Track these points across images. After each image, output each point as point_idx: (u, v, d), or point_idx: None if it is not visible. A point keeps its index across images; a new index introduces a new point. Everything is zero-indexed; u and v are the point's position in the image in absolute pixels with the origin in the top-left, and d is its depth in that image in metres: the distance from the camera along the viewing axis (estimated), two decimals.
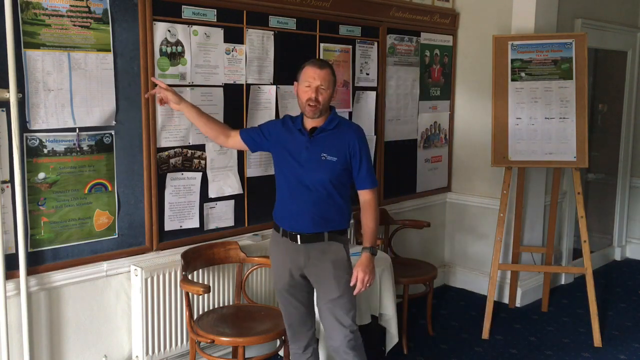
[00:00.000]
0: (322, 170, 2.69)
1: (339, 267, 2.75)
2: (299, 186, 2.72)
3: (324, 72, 2.68)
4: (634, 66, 5.66)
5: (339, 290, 2.73)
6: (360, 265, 2.70)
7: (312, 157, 2.70)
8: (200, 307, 3.33)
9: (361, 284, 2.69)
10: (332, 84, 2.71)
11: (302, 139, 2.74)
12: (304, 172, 2.71)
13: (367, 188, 2.77)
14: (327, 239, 2.74)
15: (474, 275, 4.91)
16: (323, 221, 2.72)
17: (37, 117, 2.67)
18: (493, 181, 4.65)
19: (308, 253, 2.74)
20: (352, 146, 2.71)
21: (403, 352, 3.79)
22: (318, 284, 2.78)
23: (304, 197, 2.71)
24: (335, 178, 2.71)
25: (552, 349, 3.94)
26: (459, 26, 4.82)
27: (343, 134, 2.73)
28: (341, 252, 2.76)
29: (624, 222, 5.97)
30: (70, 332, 2.94)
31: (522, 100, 4.14)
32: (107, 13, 2.84)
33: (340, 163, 2.70)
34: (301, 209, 2.72)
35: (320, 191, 2.70)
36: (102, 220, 2.95)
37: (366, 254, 2.73)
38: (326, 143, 2.71)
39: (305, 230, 2.73)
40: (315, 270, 2.75)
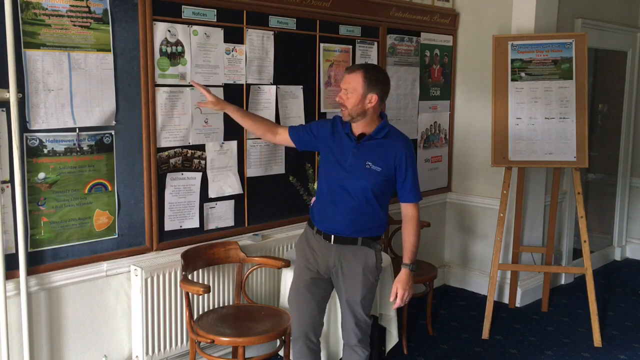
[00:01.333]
0: (365, 178, 2.68)
1: (368, 271, 2.77)
2: (340, 190, 2.72)
3: (351, 76, 2.66)
4: (634, 66, 5.67)
5: (363, 294, 2.77)
6: (399, 282, 2.74)
7: (357, 164, 2.69)
8: (200, 307, 3.33)
9: (400, 300, 2.74)
10: (360, 87, 2.63)
11: (349, 144, 2.72)
12: (347, 178, 2.70)
13: (411, 202, 2.76)
14: (361, 244, 2.75)
15: (474, 275, 4.91)
16: (359, 228, 2.74)
17: (37, 117, 2.67)
18: (493, 181, 4.65)
19: (339, 254, 2.76)
20: (399, 158, 2.69)
21: (403, 352, 3.79)
22: (345, 284, 2.79)
23: (344, 202, 2.72)
24: (377, 187, 2.70)
25: (552, 349, 3.94)
26: (459, 26, 4.82)
27: (391, 144, 2.70)
28: (372, 258, 2.77)
29: (624, 222, 5.98)
30: (70, 332, 2.94)
31: (522, 100, 4.14)
32: (107, 13, 2.84)
33: (384, 174, 2.69)
34: (339, 214, 2.73)
35: (360, 198, 2.70)
36: (102, 220, 2.95)
37: (405, 271, 2.75)
38: (373, 152, 2.69)
39: (339, 232, 2.75)
40: (344, 271, 2.77)
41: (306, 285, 2.83)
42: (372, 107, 2.67)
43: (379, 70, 2.79)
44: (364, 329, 2.85)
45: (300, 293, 2.86)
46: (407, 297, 2.75)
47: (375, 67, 2.88)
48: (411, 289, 2.77)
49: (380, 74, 2.72)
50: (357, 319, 2.82)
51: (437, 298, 4.67)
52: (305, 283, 2.83)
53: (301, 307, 2.86)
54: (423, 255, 4.61)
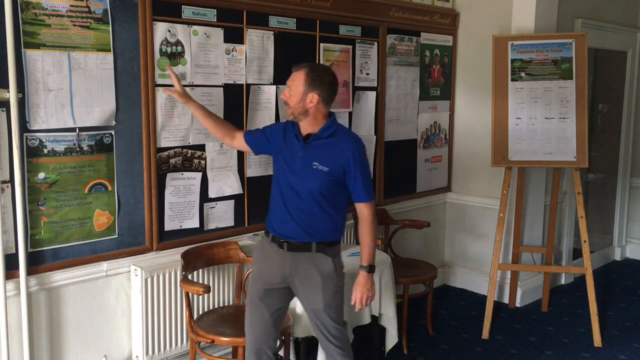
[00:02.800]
0: (313, 179, 2.60)
1: (325, 279, 2.66)
2: (290, 193, 2.65)
3: (294, 74, 2.63)
4: (634, 66, 5.67)
5: (324, 301, 2.66)
6: (357, 285, 2.68)
7: (305, 165, 2.62)
8: (200, 307, 3.33)
9: (360, 304, 2.68)
10: (302, 86, 2.58)
11: (298, 145, 2.66)
12: (296, 180, 2.63)
13: (362, 202, 2.66)
14: (315, 250, 2.65)
15: (474, 275, 4.91)
16: (312, 231, 2.64)
17: (37, 117, 2.67)
18: (493, 181, 4.65)
19: (294, 262, 2.66)
20: (347, 157, 2.59)
21: (403, 352, 3.79)
22: (304, 293, 2.70)
23: (295, 205, 2.63)
24: (326, 189, 2.61)
25: (552, 349, 3.94)
26: (459, 26, 4.82)
27: (338, 143, 2.62)
28: (328, 265, 2.66)
29: (624, 222, 5.98)
30: (70, 332, 2.94)
31: (522, 100, 4.14)
32: (107, 13, 2.84)
33: (332, 174, 2.60)
34: (291, 218, 2.64)
35: (310, 201, 2.62)
36: (102, 220, 2.95)
37: (363, 273, 2.68)
38: (319, 152, 2.61)
39: (293, 238, 2.65)
40: (301, 280, 2.67)
41: (259, 297, 2.72)
42: (313, 106, 2.59)
43: (325, 71, 2.67)
44: (337, 335, 2.73)
45: (253, 304, 2.75)
46: (366, 300, 2.67)
47: (322, 67, 2.79)
48: (371, 291, 2.68)
49: (324, 74, 2.63)
50: (326, 327, 2.71)
51: (437, 298, 4.67)
52: (259, 294, 2.72)
53: (254, 319, 2.75)
54: (423, 255, 4.63)
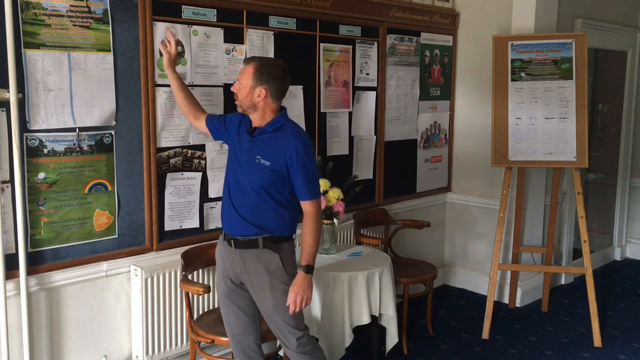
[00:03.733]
0: (255, 173, 2.57)
1: (273, 276, 2.61)
2: (236, 187, 2.62)
3: (244, 67, 2.59)
4: (634, 66, 5.67)
5: (274, 300, 2.62)
6: (293, 286, 2.59)
7: (250, 158, 2.59)
8: (200, 307, 3.33)
9: (293, 305, 2.57)
10: (250, 80, 2.54)
11: (246, 138, 2.63)
12: (241, 173, 2.60)
13: (304, 199, 2.59)
14: (262, 246, 2.60)
15: (474, 275, 4.91)
16: (256, 226, 2.59)
17: (37, 117, 2.67)
18: (493, 181, 4.65)
19: (243, 259, 2.63)
20: (289, 153, 2.53)
21: (403, 352, 3.79)
22: (254, 293, 2.67)
23: (239, 199, 2.61)
24: (268, 183, 2.56)
25: (552, 349, 3.94)
26: (459, 26, 4.82)
27: (282, 138, 2.57)
28: (276, 261, 2.61)
29: (624, 222, 5.98)
30: (70, 332, 2.94)
31: (522, 100, 4.14)
32: (107, 13, 2.84)
33: (272, 169, 2.55)
34: (235, 211, 2.61)
35: (253, 195, 2.58)
36: (102, 220, 2.95)
37: (300, 273, 2.59)
38: (264, 146, 2.58)
39: (239, 234, 2.62)
40: (250, 278, 2.64)
41: (226, 295, 2.72)
42: (261, 101, 2.55)
43: (275, 65, 2.60)
44: (294, 339, 2.66)
45: (223, 303, 2.75)
46: (301, 302, 2.57)
47: (271, 61, 2.69)
48: (307, 292, 2.58)
49: (274, 69, 2.57)
50: (281, 330, 2.67)
51: (437, 298, 4.67)
52: (225, 292, 2.73)
53: (229, 318, 2.75)
54: (423, 255, 4.63)
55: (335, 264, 3.37)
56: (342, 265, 3.35)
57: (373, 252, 3.70)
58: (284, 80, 2.61)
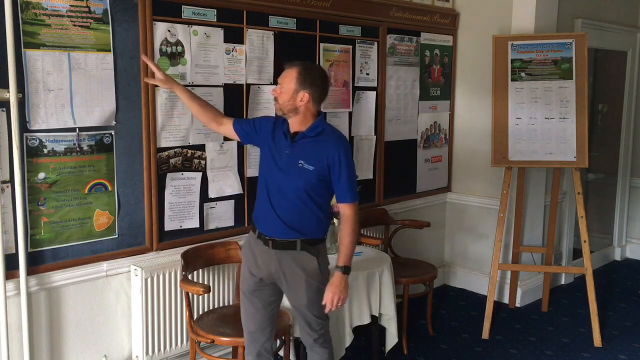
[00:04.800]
0: (298, 178, 2.60)
1: (310, 276, 2.67)
2: (276, 191, 2.65)
3: (286, 71, 2.62)
4: (634, 66, 5.67)
5: (307, 298, 2.68)
6: (330, 286, 2.64)
7: (291, 163, 2.61)
8: (200, 307, 3.33)
9: (330, 304, 2.63)
10: (293, 84, 2.57)
11: (285, 142, 2.65)
12: (282, 178, 2.63)
13: (346, 202, 2.65)
14: (300, 248, 2.65)
15: (474, 275, 4.91)
16: (296, 229, 2.64)
17: (37, 117, 2.67)
18: (493, 181, 4.65)
19: (279, 259, 2.66)
20: (332, 157, 2.59)
21: (403, 352, 3.79)
22: (289, 290, 2.71)
23: (280, 202, 2.64)
24: (311, 187, 2.61)
25: (552, 349, 3.94)
26: (459, 26, 4.82)
27: (324, 143, 2.61)
28: (312, 263, 2.67)
29: (624, 222, 5.98)
30: (70, 332, 2.94)
31: (522, 100, 4.14)
32: (107, 13, 2.84)
33: (317, 173, 2.60)
34: (276, 215, 2.64)
35: (295, 199, 2.62)
36: (102, 220, 2.95)
37: (338, 274, 2.64)
38: (306, 150, 2.61)
39: (277, 236, 2.65)
40: (286, 277, 2.68)
41: (252, 291, 2.75)
42: (303, 105, 2.59)
43: (317, 70, 2.68)
44: (317, 329, 2.76)
45: (247, 299, 2.77)
46: (338, 302, 2.62)
47: (314, 67, 2.77)
48: (343, 293, 2.63)
49: (316, 73, 2.63)
50: (308, 322, 2.74)
51: (437, 298, 4.67)
52: (251, 289, 2.75)
53: (249, 314, 2.78)
54: (423, 255, 4.63)
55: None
56: None
57: (373, 252, 3.70)
58: (325, 85, 2.66)
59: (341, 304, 2.65)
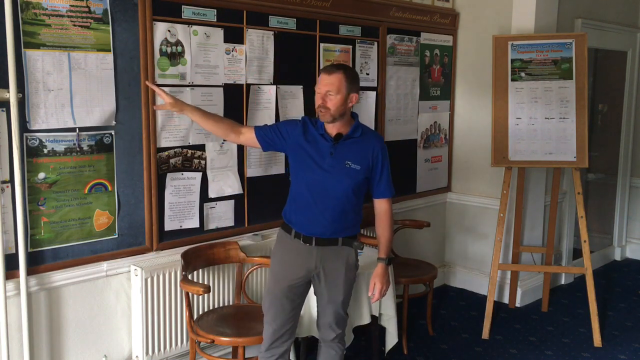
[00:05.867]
0: (346, 177, 2.68)
1: (349, 270, 2.79)
2: (321, 191, 2.70)
3: (332, 77, 2.64)
4: (634, 66, 5.66)
5: (344, 294, 2.80)
6: (377, 277, 2.77)
7: (337, 164, 2.68)
8: (200, 307, 3.33)
9: (379, 294, 2.78)
10: (344, 88, 2.63)
11: (326, 144, 2.70)
12: (327, 179, 2.68)
13: (386, 197, 2.79)
14: (341, 243, 2.76)
15: (474, 275, 4.91)
16: (340, 227, 2.74)
17: (37, 117, 2.67)
18: (493, 181, 4.65)
19: (321, 255, 2.74)
20: (375, 155, 2.72)
21: (403, 352, 3.79)
22: (328, 285, 2.78)
23: (325, 202, 2.70)
24: (357, 186, 2.71)
25: (552, 349, 3.94)
26: (459, 26, 4.82)
27: (367, 142, 2.73)
28: (352, 256, 2.79)
29: (624, 222, 5.97)
30: (70, 332, 2.94)
31: (522, 100, 4.14)
32: (107, 13, 2.84)
33: (363, 172, 2.71)
34: (321, 215, 2.70)
35: (341, 198, 2.70)
36: (102, 220, 2.95)
37: (382, 265, 2.78)
38: (350, 151, 2.70)
39: (321, 234, 2.73)
40: (327, 272, 2.76)
41: (284, 293, 2.77)
42: (351, 106, 2.69)
43: (354, 70, 2.79)
44: (342, 325, 2.87)
45: (277, 300, 2.79)
46: (384, 291, 2.79)
47: (350, 67, 2.89)
48: (388, 283, 2.81)
49: (356, 74, 2.76)
50: (337, 317, 2.83)
51: (437, 298, 4.67)
52: (283, 290, 2.77)
53: (277, 315, 2.80)
54: (423, 255, 4.63)
55: None
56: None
57: (373, 252, 3.70)
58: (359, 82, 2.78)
59: (384, 294, 2.81)
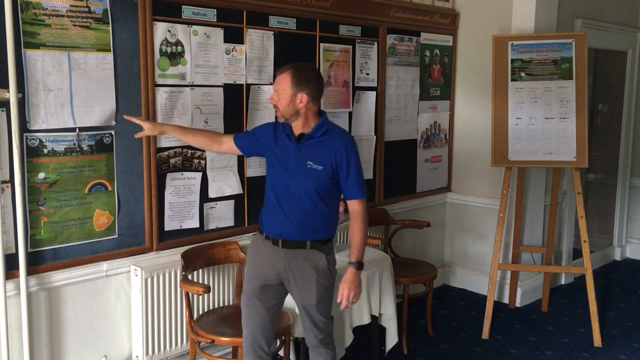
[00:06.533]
0: (308, 178, 2.62)
1: (319, 275, 2.69)
2: (285, 194, 2.66)
3: (279, 77, 2.62)
4: (634, 66, 5.66)
5: (317, 297, 2.69)
6: (345, 282, 2.67)
7: (299, 164, 2.63)
8: (200, 307, 3.33)
9: (346, 301, 2.67)
10: (289, 88, 2.58)
11: (290, 145, 2.66)
12: (291, 180, 2.64)
13: (356, 198, 2.67)
14: (310, 247, 2.67)
15: (474, 275, 4.91)
16: (307, 230, 2.66)
17: (37, 117, 2.67)
18: (493, 181, 4.65)
19: (289, 259, 2.68)
20: (339, 155, 2.61)
21: (403, 352, 3.79)
22: (298, 289, 2.71)
23: (290, 205, 2.65)
24: (321, 187, 2.63)
25: (552, 349, 3.94)
26: (459, 26, 4.82)
27: (330, 142, 2.63)
28: (322, 261, 2.69)
29: (624, 222, 5.97)
30: (70, 332, 2.94)
31: (522, 100, 4.14)
32: (107, 13, 2.84)
33: (326, 172, 2.62)
34: (286, 217, 2.66)
35: (305, 200, 2.63)
36: (102, 220, 2.95)
37: (351, 270, 2.67)
38: (313, 151, 2.63)
39: (288, 237, 2.67)
40: (295, 276, 2.69)
41: (256, 294, 2.75)
42: (303, 106, 2.60)
43: (309, 69, 2.67)
44: (324, 329, 2.77)
45: (250, 301, 2.77)
46: (353, 297, 2.67)
47: (306, 66, 2.73)
48: (358, 289, 2.68)
49: (310, 72, 2.63)
50: (315, 321, 2.75)
51: (437, 298, 4.67)
52: (255, 291, 2.75)
53: (251, 315, 2.78)
54: (423, 255, 4.63)
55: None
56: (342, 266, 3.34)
57: (373, 252, 3.70)
58: (320, 81, 2.68)
59: (356, 299, 2.69)
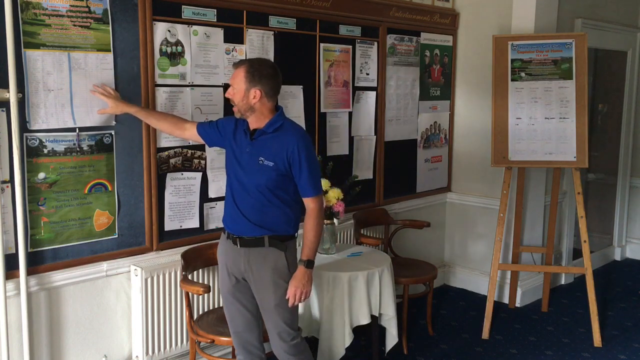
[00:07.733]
0: (259, 174, 2.59)
1: (278, 275, 2.65)
2: (239, 189, 2.65)
3: (234, 72, 2.61)
4: (634, 66, 5.67)
5: (276, 299, 2.66)
6: (293, 280, 2.64)
7: (251, 160, 2.61)
8: (200, 307, 3.33)
9: (293, 298, 2.63)
10: (242, 83, 2.55)
11: (245, 140, 2.65)
12: (244, 175, 2.63)
13: (308, 196, 2.64)
14: (268, 244, 2.64)
15: (474, 275, 4.91)
16: (262, 226, 2.63)
17: (37, 117, 2.67)
18: (493, 181, 4.65)
19: (248, 258, 2.66)
20: (291, 152, 2.57)
21: (403, 352, 3.79)
22: (257, 291, 2.70)
23: (244, 200, 2.64)
24: (273, 183, 2.60)
25: (552, 349, 3.94)
26: (459, 26, 4.82)
27: (283, 138, 2.60)
28: (281, 259, 2.65)
29: (624, 222, 5.97)
30: (70, 332, 2.94)
31: (522, 100, 4.14)
32: (107, 13, 2.84)
33: (277, 169, 2.58)
34: (240, 213, 2.64)
35: (258, 195, 2.61)
36: (102, 220, 2.95)
37: (301, 268, 2.64)
38: (265, 147, 2.60)
39: (244, 234, 2.65)
40: (254, 276, 2.67)
41: (231, 293, 2.74)
42: (257, 102, 2.57)
43: (265, 64, 2.62)
44: (288, 339, 2.70)
45: (227, 301, 2.77)
46: (301, 295, 2.63)
47: (262, 61, 2.66)
48: (307, 287, 2.64)
49: (265, 68, 2.58)
50: (277, 330, 2.70)
51: (437, 298, 4.67)
52: (229, 290, 2.75)
53: (232, 315, 2.78)
54: (423, 255, 4.63)
55: (335, 264, 3.37)
56: (342, 265, 3.35)
57: (373, 252, 3.70)
58: (276, 78, 2.62)
59: (304, 297, 2.65)
